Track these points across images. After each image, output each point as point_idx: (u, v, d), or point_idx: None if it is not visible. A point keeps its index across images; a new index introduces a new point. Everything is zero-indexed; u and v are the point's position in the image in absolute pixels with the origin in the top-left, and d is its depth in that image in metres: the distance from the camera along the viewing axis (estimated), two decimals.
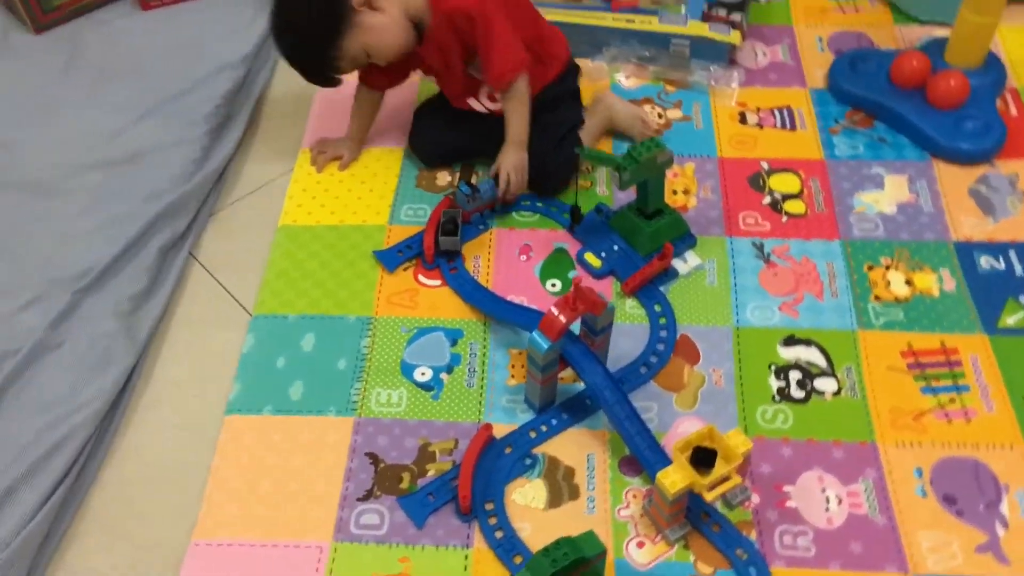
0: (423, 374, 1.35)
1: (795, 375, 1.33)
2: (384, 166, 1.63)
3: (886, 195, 1.55)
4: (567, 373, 1.28)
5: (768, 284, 1.44)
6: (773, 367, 1.34)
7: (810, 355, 1.35)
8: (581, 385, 1.29)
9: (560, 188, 1.56)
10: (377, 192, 1.59)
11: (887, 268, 1.45)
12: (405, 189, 1.59)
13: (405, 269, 1.48)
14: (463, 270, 1.47)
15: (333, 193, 1.59)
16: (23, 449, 1.25)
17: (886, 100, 1.64)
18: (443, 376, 1.35)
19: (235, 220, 1.59)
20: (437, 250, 1.47)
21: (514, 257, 1.49)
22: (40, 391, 1.32)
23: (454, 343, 1.38)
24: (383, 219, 1.55)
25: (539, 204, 1.56)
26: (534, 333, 1.21)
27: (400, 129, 1.68)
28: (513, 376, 1.35)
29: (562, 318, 1.19)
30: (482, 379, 1.34)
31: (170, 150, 1.61)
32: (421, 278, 1.47)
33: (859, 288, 1.43)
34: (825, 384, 1.32)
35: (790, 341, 1.37)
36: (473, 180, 1.58)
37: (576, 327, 1.29)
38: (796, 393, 1.31)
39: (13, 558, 1.14)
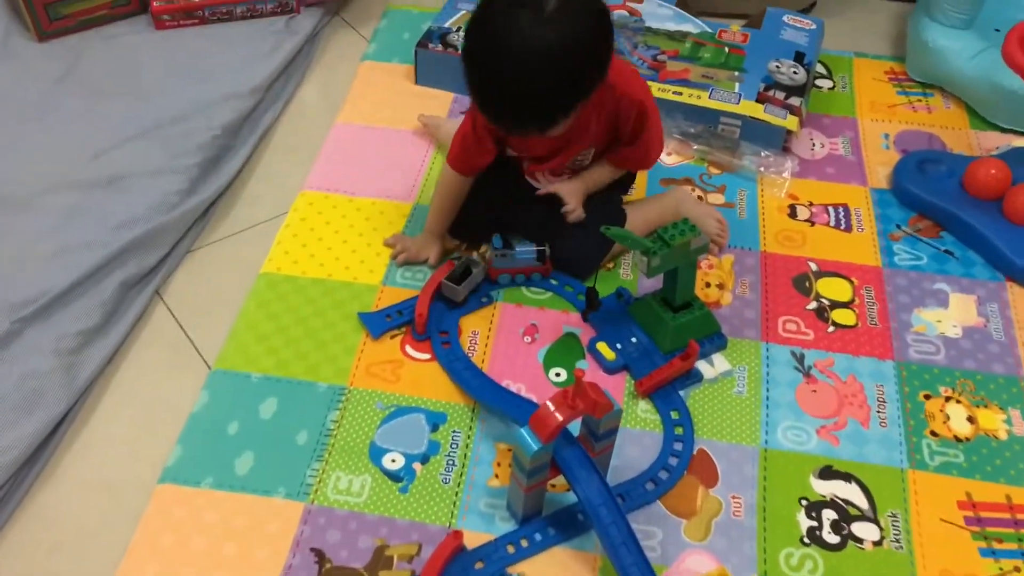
0: (393, 461, 1.16)
1: (829, 514, 1.12)
2: (387, 220, 1.46)
3: (950, 315, 1.35)
4: (560, 480, 1.08)
5: (806, 402, 1.24)
6: (804, 502, 1.13)
7: (849, 492, 1.14)
8: (574, 496, 1.09)
9: (591, 271, 1.38)
10: (375, 248, 1.42)
11: (947, 400, 1.24)
12: None
13: (392, 337, 1.30)
14: (457, 345, 1.28)
15: (327, 244, 1.42)
16: None
17: (957, 209, 1.45)
18: (416, 466, 1.15)
19: (214, 261, 1.42)
20: (431, 320, 1.29)
21: (517, 337, 1.31)
22: None
23: (435, 428, 1.19)
24: (376, 278, 1.37)
25: (553, 281, 1.38)
26: (522, 430, 1.01)
27: (410, 182, 1.52)
28: (497, 476, 1.15)
29: (558, 416, 1.00)
30: (461, 474, 1.15)
31: (155, 177, 1.46)
32: (408, 349, 1.28)
33: (913, 420, 1.22)
34: (865, 530, 1.11)
35: (827, 473, 1.16)
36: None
37: (576, 427, 1.09)
38: (829, 537, 1.10)
39: None
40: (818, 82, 1.74)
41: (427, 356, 1.28)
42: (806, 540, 1.10)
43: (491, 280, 1.34)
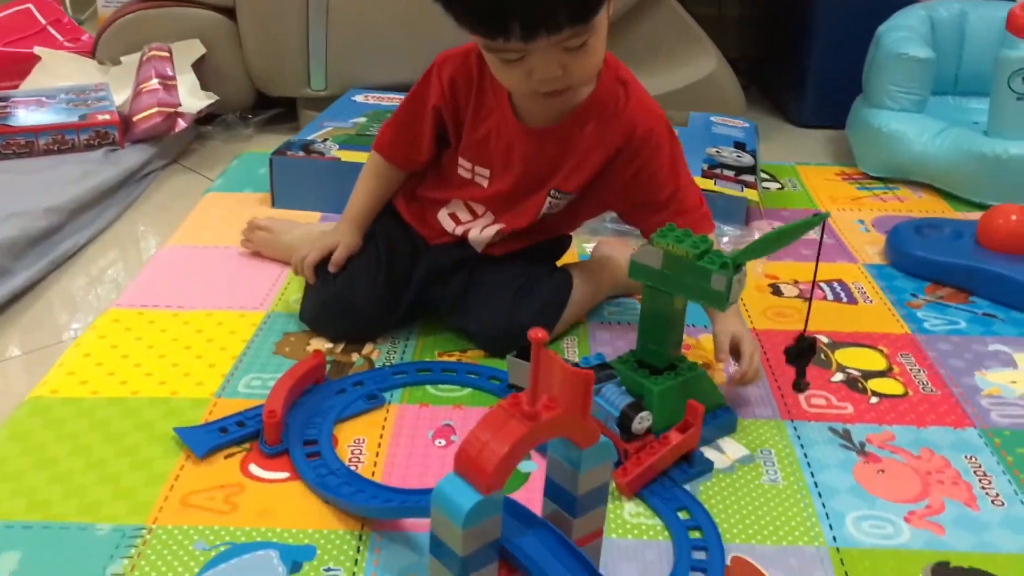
0: None
1: None
2: (228, 330, 1.03)
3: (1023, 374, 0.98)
4: None
5: (874, 485, 0.81)
6: None
7: None
8: None
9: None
10: (208, 359, 0.98)
11: None
12: (255, 356, 0.98)
13: (227, 457, 0.83)
14: (332, 455, 0.82)
15: (134, 360, 0.97)
16: None
17: (986, 265, 1.12)
18: None
19: None
20: (291, 428, 0.83)
21: (425, 441, 0.85)
22: None
23: (296, 568, 0.70)
24: (207, 391, 0.92)
25: (470, 374, 0.95)
26: (443, 481, 0.56)
27: (262, 293, 1.11)
28: None
29: (510, 432, 0.55)
30: None
31: None
32: (254, 468, 0.81)
33: None
34: None
35: (943, 572, 0.71)
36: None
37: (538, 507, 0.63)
38: None
39: None
40: (764, 184, 1.45)
41: (284, 475, 0.81)
42: None
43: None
